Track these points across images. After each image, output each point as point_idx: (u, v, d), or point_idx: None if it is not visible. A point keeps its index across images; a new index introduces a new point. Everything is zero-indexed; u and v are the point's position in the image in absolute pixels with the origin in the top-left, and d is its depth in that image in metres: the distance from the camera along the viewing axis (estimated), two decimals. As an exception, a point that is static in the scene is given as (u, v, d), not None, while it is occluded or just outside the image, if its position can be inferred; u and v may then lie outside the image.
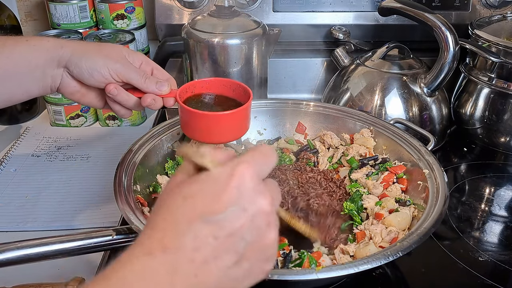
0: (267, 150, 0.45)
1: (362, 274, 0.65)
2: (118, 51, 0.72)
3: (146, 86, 0.71)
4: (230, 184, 0.41)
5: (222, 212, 0.40)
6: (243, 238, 0.41)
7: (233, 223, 0.41)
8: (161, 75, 0.75)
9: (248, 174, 0.42)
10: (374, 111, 1.07)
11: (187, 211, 0.41)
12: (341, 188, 0.86)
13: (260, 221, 0.42)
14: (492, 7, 1.25)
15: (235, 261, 0.42)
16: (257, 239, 0.42)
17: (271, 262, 0.46)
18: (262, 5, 1.25)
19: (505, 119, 1.07)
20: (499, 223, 0.88)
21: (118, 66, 0.69)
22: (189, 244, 0.40)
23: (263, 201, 0.42)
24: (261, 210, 0.42)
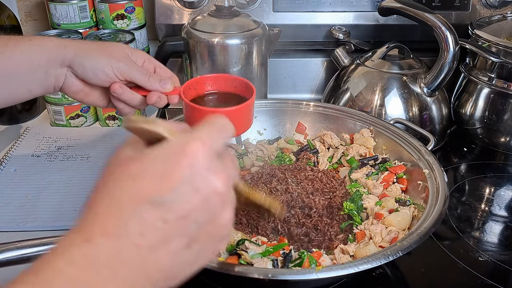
0: (223, 123, 0.43)
1: (362, 274, 0.65)
2: (121, 50, 0.72)
3: (150, 84, 0.71)
4: (181, 162, 0.38)
5: (172, 193, 0.38)
6: (195, 220, 0.39)
7: (184, 205, 0.38)
8: (164, 72, 0.75)
9: (201, 152, 0.39)
10: (374, 111, 1.07)
11: (133, 192, 0.38)
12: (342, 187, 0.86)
13: (214, 202, 0.40)
14: (492, 7, 1.25)
15: (186, 244, 0.39)
16: (210, 220, 0.40)
17: (225, 241, 0.45)
18: (262, 5, 1.25)
19: (505, 119, 1.07)
20: (499, 223, 0.88)
21: (121, 65, 0.70)
22: (135, 229, 0.37)
23: (218, 181, 0.40)
24: (215, 190, 0.39)
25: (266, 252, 0.66)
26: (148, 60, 0.74)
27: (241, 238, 0.70)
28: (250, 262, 0.64)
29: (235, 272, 0.57)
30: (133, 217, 0.37)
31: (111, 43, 0.74)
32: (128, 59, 0.71)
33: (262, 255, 0.65)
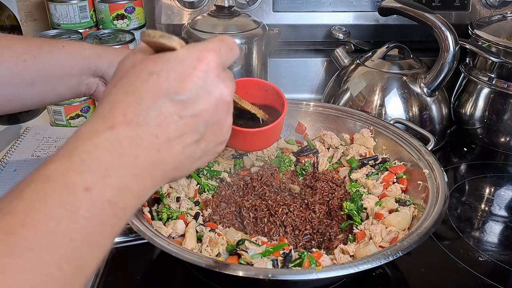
0: (232, 42, 0.47)
1: (362, 274, 0.65)
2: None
3: None
4: (197, 67, 0.42)
5: (189, 93, 0.42)
6: (205, 120, 0.44)
7: (198, 104, 0.43)
8: None
9: (214, 61, 0.43)
10: (374, 111, 1.07)
11: (152, 86, 0.41)
12: (341, 188, 0.86)
13: (222, 107, 0.44)
14: (492, 7, 1.25)
15: (195, 140, 0.44)
16: (217, 123, 0.45)
17: (223, 145, 0.49)
18: (262, 5, 1.25)
19: (505, 119, 1.07)
20: (499, 223, 0.88)
21: None
22: (154, 119, 0.41)
23: (226, 89, 0.44)
24: (224, 96, 0.44)
25: (266, 252, 0.66)
26: None
27: (241, 238, 0.70)
28: (250, 262, 0.64)
29: (235, 272, 0.57)
30: (153, 108, 0.41)
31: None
32: None
33: (262, 255, 0.65)
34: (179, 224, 0.73)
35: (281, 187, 0.87)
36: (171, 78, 0.41)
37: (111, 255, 0.76)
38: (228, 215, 0.80)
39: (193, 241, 0.70)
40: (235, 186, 0.87)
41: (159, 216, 0.76)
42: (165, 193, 0.81)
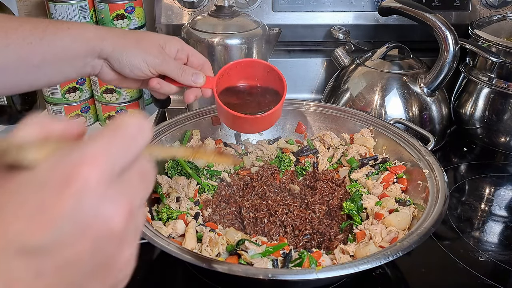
0: (132, 131, 0.31)
1: (362, 274, 0.65)
2: (155, 43, 0.72)
3: (183, 79, 0.73)
4: (64, 192, 0.27)
5: (49, 235, 0.27)
6: (80, 270, 0.29)
7: (66, 251, 0.28)
8: (197, 60, 0.76)
9: (95, 175, 0.28)
10: (374, 111, 1.07)
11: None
12: (341, 188, 0.86)
13: (108, 243, 0.30)
14: (492, 7, 1.25)
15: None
16: (103, 265, 0.31)
17: (125, 281, 0.35)
18: (262, 5, 1.25)
19: (505, 119, 1.07)
20: (499, 223, 0.88)
21: (156, 61, 0.71)
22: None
23: (115, 215, 0.29)
24: (110, 228, 0.29)
25: (266, 252, 0.66)
26: (181, 49, 0.75)
27: (241, 238, 0.70)
28: (250, 262, 0.64)
29: (235, 272, 0.57)
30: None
31: (146, 34, 0.74)
32: (162, 53, 0.72)
33: (262, 255, 0.65)
34: (179, 224, 0.73)
35: (281, 187, 0.87)
36: (21, 217, 0.27)
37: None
38: (228, 215, 0.80)
39: (193, 241, 0.70)
40: (235, 186, 0.87)
41: (159, 216, 0.76)
42: (165, 193, 0.81)
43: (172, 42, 0.74)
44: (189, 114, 0.94)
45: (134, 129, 0.31)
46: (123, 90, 1.15)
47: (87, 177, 0.28)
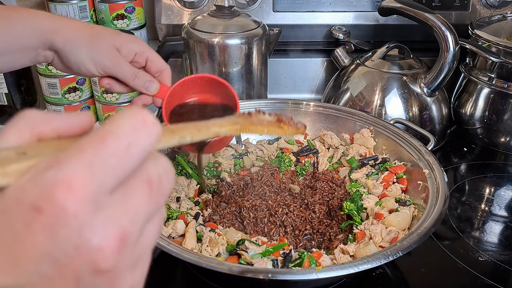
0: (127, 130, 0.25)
1: (362, 274, 0.65)
2: (110, 45, 0.69)
3: (134, 85, 0.71)
4: (33, 225, 0.22)
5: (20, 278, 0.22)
6: None
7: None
8: (156, 66, 0.73)
9: (72, 203, 0.22)
10: (374, 111, 1.07)
11: None
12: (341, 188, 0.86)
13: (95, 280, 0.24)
14: (492, 7, 1.25)
15: None
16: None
17: None
18: (262, 5, 1.25)
19: (505, 119, 1.07)
20: (499, 223, 0.88)
21: (106, 63, 0.69)
22: None
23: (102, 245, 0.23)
24: (96, 263, 0.23)
25: (266, 252, 0.66)
26: (140, 53, 0.71)
27: (241, 238, 0.70)
28: (250, 262, 0.64)
29: (235, 272, 0.57)
30: None
31: (102, 33, 0.70)
32: (115, 56, 0.69)
33: (262, 255, 0.65)
34: (179, 224, 0.73)
35: (281, 187, 0.87)
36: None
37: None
38: (228, 215, 0.80)
39: (193, 241, 0.70)
40: (235, 186, 0.87)
41: (159, 216, 0.76)
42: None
43: (130, 46, 0.71)
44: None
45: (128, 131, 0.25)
46: (123, 90, 1.15)
47: (63, 204, 0.22)
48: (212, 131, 0.36)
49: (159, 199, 0.27)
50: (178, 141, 0.31)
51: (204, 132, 0.35)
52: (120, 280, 0.25)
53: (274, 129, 0.49)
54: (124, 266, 0.25)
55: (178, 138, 0.31)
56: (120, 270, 0.25)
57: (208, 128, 0.36)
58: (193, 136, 0.33)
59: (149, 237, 0.27)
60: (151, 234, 0.27)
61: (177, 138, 0.31)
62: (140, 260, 0.27)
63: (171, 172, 0.28)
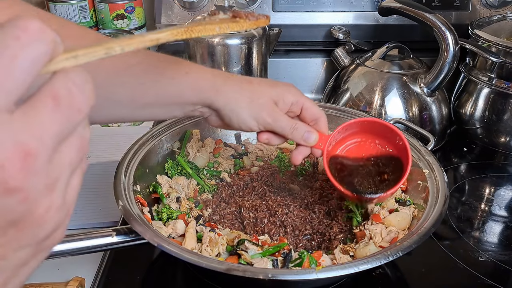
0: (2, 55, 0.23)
1: (362, 274, 0.65)
2: (269, 101, 0.68)
3: (292, 137, 0.70)
4: None
5: None
6: None
7: None
8: (311, 114, 0.72)
9: None
10: (374, 111, 1.07)
11: None
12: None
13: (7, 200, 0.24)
14: (492, 7, 1.25)
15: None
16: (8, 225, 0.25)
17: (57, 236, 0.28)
18: (262, 5, 1.25)
19: (505, 119, 1.07)
20: (499, 223, 0.88)
21: (267, 120, 0.68)
22: None
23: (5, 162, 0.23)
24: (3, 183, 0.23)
25: (266, 252, 0.66)
26: (295, 103, 0.70)
27: (241, 238, 0.70)
28: (250, 262, 0.64)
29: (235, 272, 0.57)
30: None
31: (260, 89, 0.68)
32: (274, 112, 0.68)
33: (262, 255, 0.65)
34: (179, 224, 0.73)
35: (281, 187, 0.87)
36: None
37: (111, 255, 0.76)
38: (228, 215, 0.80)
39: (193, 241, 0.70)
40: (235, 186, 0.87)
41: (159, 216, 0.76)
42: (165, 193, 0.81)
43: (286, 97, 0.69)
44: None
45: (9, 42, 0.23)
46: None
47: None
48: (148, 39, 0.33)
49: (71, 116, 0.25)
50: (105, 52, 0.29)
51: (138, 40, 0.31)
52: (36, 201, 0.25)
53: (227, 25, 0.44)
54: (37, 185, 0.24)
55: (104, 50, 0.28)
56: (34, 189, 0.24)
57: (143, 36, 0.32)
58: (123, 47, 0.30)
59: (67, 156, 0.26)
60: (68, 153, 0.26)
61: (102, 50, 0.28)
62: (59, 180, 0.26)
63: (85, 85, 0.26)
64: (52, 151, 0.25)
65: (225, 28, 0.42)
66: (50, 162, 0.25)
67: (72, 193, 0.28)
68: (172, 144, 0.89)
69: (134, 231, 0.63)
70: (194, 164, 0.88)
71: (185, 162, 0.87)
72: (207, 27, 0.41)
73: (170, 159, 0.87)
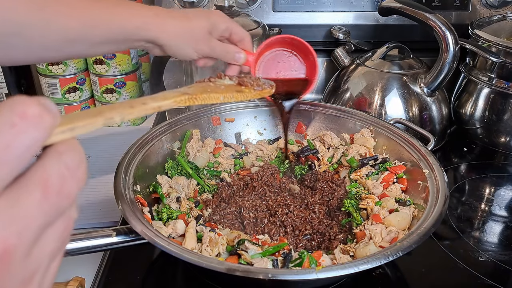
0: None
1: (362, 274, 0.65)
2: (205, 33, 0.77)
3: (226, 59, 0.81)
4: None
5: None
6: None
7: None
8: (237, 36, 0.81)
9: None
10: (374, 111, 1.07)
11: None
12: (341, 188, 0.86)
13: None
14: (492, 7, 1.25)
15: None
16: None
17: None
18: (262, 5, 1.25)
19: (505, 119, 1.07)
20: (499, 223, 0.88)
21: (205, 49, 0.77)
22: None
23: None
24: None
25: (266, 252, 0.66)
26: (226, 29, 0.79)
27: (241, 238, 0.70)
28: (250, 262, 0.64)
29: (235, 272, 0.57)
30: None
31: (199, 23, 0.77)
32: (210, 41, 0.78)
33: (262, 255, 0.65)
34: (179, 224, 0.73)
35: (281, 187, 0.87)
36: None
37: (111, 255, 0.76)
38: (228, 215, 0.80)
39: (193, 241, 0.70)
40: (235, 186, 0.87)
41: (159, 216, 0.76)
42: (165, 193, 0.81)
43: (218, 25, 0.78)
44: (189, 114, 0.94)
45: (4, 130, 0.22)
46: (123, 90, 1.15)
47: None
48: (150, 107, 0.31)
49: (60, 203, 0.24)
50: (103, 123, 0.27)
51: (139, 109, 0.29)
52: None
53: (232, 94, 0.43)
54: (13, 281, 0.22)
55: (103, 121, 0.27)
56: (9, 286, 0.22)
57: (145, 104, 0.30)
58: (124, 116, 0.28)
59: (49, 246, 0.24)
60: (51, 242, 0.25)
61: (101, 121, 0.27)
62: (37, 273, 0.24)
63: (78, 168, 0.25)
64: (33, 244, 0.23)
65: (229, 97, 0.43)
66: (28, 256, 0.23)
67: (49, 279, 0.26)
68: (172, 144, 0.89)
69: (134, 231, 0.63)
70: (194, 164, 0.88)
71: (185, 162, 0.87)
72: (212, 95, 0.40)
73: (170, 159, 0.87)
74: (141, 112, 0.30)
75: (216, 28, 0.78)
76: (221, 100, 0.43)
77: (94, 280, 0.72)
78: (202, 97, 0.39)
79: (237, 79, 0.51)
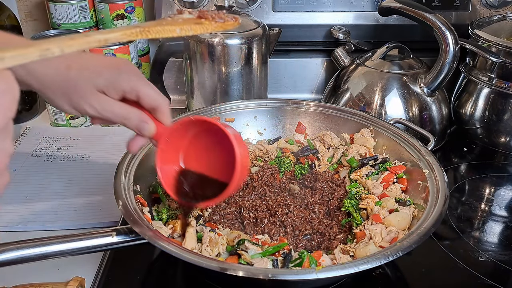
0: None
1: (362, 274, 0.65)
2: (90, 90, 0.60)
3: (128, 127, 0.64)
4: None
5: None
6: None
7: None
8: (148, 103, 0.63)
9: None
10: (374, 111, 1.07)
11: None
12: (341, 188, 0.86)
13: None
14: (492, 7, 1.25)
15: None
16: None
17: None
18: (262, 5, 1.25)
19: (505, 119, 1.07)
20: (499, 223, 0.88)
21: (89, 111, 0.61)
22: None
23: None
24: None
25: (266, 252, 0.66)
26: (129, 91, 0.61)
27: (241, 238, 0.70)
28: (250, 262, 0.64)
29: (235, 272, 0.57)
30: None
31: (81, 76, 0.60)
32: (99, 101, 0.61)
33: (262, 255, 0.65)
34: (179, 224, 0.73)
35: (281, 187, 0.87)
36: None
37: (111, 255, 0.76)
38: (228, 215, 0.80)
39: (193, 241, 0.70)
40: (235, 186, 0.87)
41: (159, 216, 0.76)
42: (165, 193, 0.81)
43: (116, 85, 0.60)
44: (189, 114, 0.94)
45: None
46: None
47: None
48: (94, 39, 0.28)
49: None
50: (39, 55, 0.25)
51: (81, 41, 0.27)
52: None
53: (190, 26, 0.39)
54: None
55: (38, 52, 0.25)
56: None
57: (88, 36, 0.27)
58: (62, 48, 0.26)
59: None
60: None
61: (36, 52, 0.25)
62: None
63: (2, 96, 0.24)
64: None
65: (187, 30, 0.38)
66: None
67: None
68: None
69: (134, 231, 0.63)
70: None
71: (185, 162, 0.87)
72: (167, 28, 0.37)
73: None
74: (83, 45, 0.27)
75: (114, 87, 0.60)
76: (178, 33, 0.38)
77: (94, 280, 0.72)
78: (155, 29, 0.36)
79: (197, 13, 0.45)
